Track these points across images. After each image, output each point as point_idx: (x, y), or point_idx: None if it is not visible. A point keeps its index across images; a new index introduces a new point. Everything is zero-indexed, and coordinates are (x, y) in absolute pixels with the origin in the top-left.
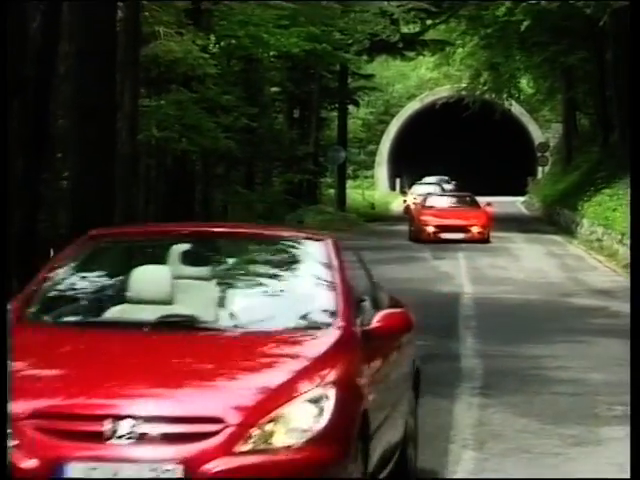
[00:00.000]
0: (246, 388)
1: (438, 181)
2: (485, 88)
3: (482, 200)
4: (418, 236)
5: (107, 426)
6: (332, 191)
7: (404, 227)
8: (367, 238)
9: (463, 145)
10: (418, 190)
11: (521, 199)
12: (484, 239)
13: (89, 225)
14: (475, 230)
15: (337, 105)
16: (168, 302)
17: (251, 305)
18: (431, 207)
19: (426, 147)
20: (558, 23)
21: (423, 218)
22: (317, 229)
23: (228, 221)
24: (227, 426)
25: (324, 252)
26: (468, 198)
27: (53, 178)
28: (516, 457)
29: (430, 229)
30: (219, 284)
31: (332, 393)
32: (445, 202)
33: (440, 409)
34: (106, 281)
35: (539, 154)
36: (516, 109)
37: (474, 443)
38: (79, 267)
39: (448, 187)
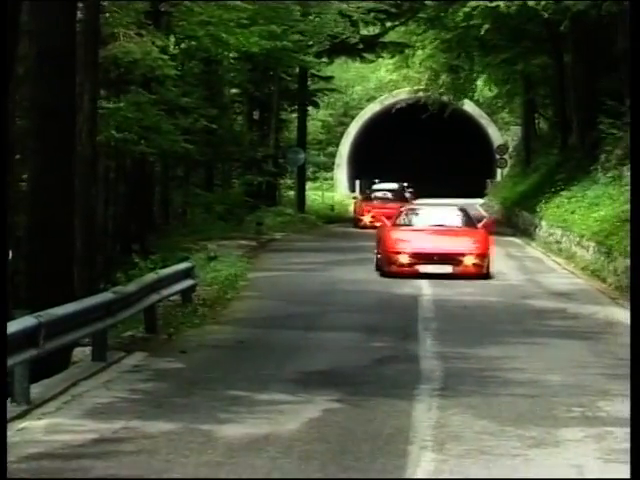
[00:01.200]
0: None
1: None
2: (443, 90)
3: (432, 201)
4: (386, 266)
5: None
6: (292, 193)
7: (363, 230)
8: (327, 240)
9: (422, 147)
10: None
11: (480, 201)
12: (482, 273)
13: (49, 226)
14: (469, 261)
15: (297, 107)
16: None
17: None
18: (405, 225)
19: (385, 149)
20: (517, 26)
21: (394, 244)
22: (277, 230)
23: (187, 221)
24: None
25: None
26: (459, 214)
27: (12, 180)
28: (475, 458)
29: (403, 259)
30: None
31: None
32: (425, 217)
33: (399, 411)
34: None
35: (498, 156)
36: (475, 111)
37: (433, 444)
38: None
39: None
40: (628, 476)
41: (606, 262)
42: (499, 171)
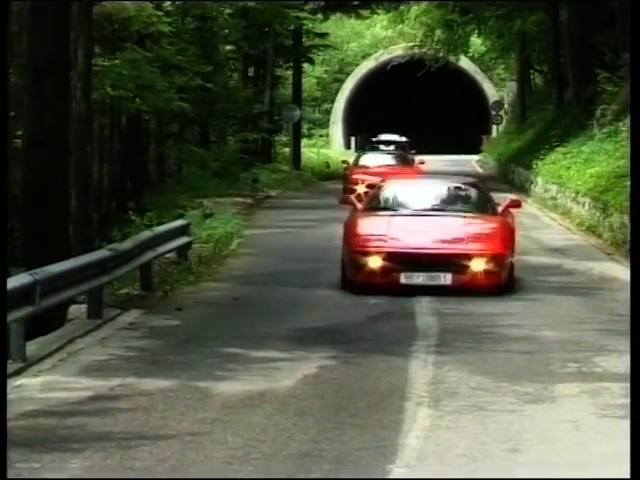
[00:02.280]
0: None
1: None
2: (438, 46)
3: (429, 158)
4: (351, 274)
5: None
6: (287, 150)
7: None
8: (322, 197)
9: (417, 104)
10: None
11: (476, 157)
12: (498, 284)
13: (43, 184)
14: (478, 266)
15: (292, 64)
16: None
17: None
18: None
19: (381, 106)
20: None
21: (362, 240)
22: (272, 187)
23: (183, 178)
24: None
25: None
26: (471, 189)
27: (6, 136)
28: (471, 414)
29: (375, 263)
30: None
31: None
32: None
33: (395, 367)
34: None
35: (493, 112)
36: (470, 67)
37: (429, 401)
38: None
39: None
40: (624, 430)
41: (602, 218)
42: (494, 127)
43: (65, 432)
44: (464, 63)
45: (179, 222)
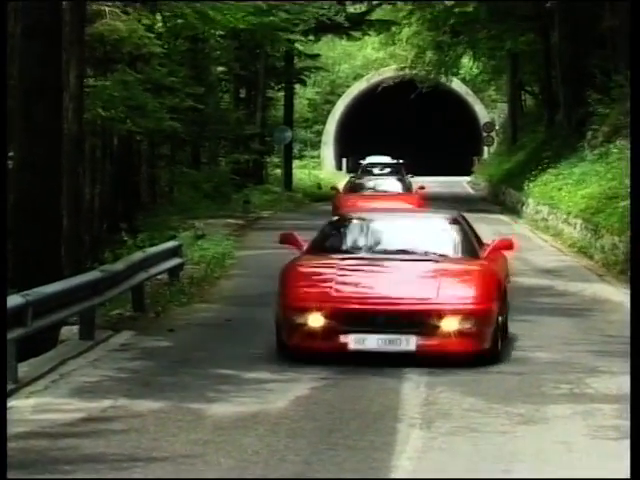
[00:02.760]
0: None
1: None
2: (430, 68)
3: (420, 180)
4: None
5: None
6: (279, 171)
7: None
8: (314, 218)
9: (409, 125)
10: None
11: (467, 179)
12: (478, 349)
13: (35, 205)
14: (451, 326)
15: (283, 85)
16: None
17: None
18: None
19: (372, 127)
20: (504, 3)
21: (299, 292)
22: (264, 209)
23: (174, 200)
24: None
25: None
26: (448, 225)
27: None
28: (464, 436)
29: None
30: None
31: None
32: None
33: (388, 388)
34: None
35: (485, 134)
36: (462, 89)
37: (422, 422)
38: None
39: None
40: (616, 452)
41: (593, 239)
42: (486, 149)
43: (57, 454)
44: (455, 85)
45: (171, 243)
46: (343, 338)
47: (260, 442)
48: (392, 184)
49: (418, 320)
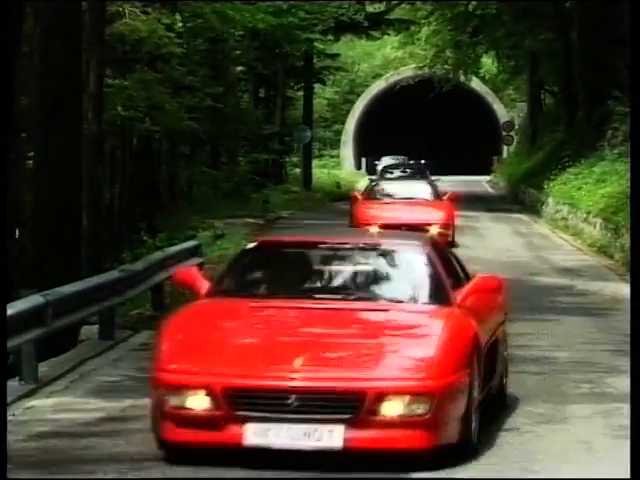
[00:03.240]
0: None
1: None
2: (449, 67)
3: (446, 180)
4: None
5: None
6: (298, 170)
7: None
8: (333, 217)
9: (428, 124)
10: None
11: (486, 178)
12: (430, 445)
13: (55, 205)
14: (393, 410)
15: (303, 84)
16: None
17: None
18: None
19: (391, 126)
20: (524, 3)
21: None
22: (283, 208)
23: (194, 199)
24: None
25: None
26: (411, 255)
27: (17, 158)
28: (483, 435)
29: (197, 403)
30: None
31: None
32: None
33: None
34: None
35: (504, 133)
36: (481, 88)
37: None
38: None
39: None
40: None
41: (613, 238)
42: (505, 148)
43: (77, 453)
44: (475, 84)
45: (190, 243)
46: (237, 429)
47: None
48: (419, 189)
49: (347, 402)
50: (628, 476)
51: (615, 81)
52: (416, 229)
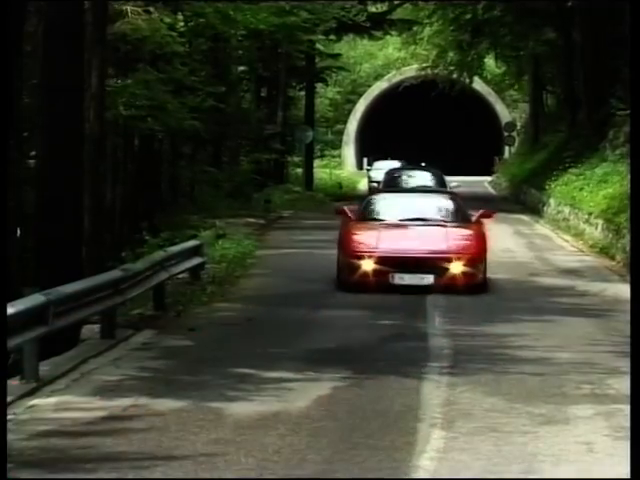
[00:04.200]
0: None
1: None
2: (452, 67)
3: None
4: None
5: None
6: (299, 170)
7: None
8: (334, 217)
9: (430, 125)
10: None
11: (488, 179)
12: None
13: (57, 204)
14: (457, 269)
15: (304, 84)
16: None
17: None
18: None
19: (393, 127)
20: (526, 4)
21: None
22: (285, 208)
23: (195, 199)
24: None
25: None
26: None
27: (20, 157)
28: (485, 435)
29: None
30: None
31: None
32: None
33: (409, 388)
34: None
35: (506, 134)
36: (483, 89)
37: (443, 422)
38: None
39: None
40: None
41: (615, 239)
42: (507, 148)
43: (78, 452)
44: (477, 84)
45: (192, 242)
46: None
47: (281, 441)
48: (435, 206)
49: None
50: (628, 476)
51: (617, 81)
52: (429, 265)
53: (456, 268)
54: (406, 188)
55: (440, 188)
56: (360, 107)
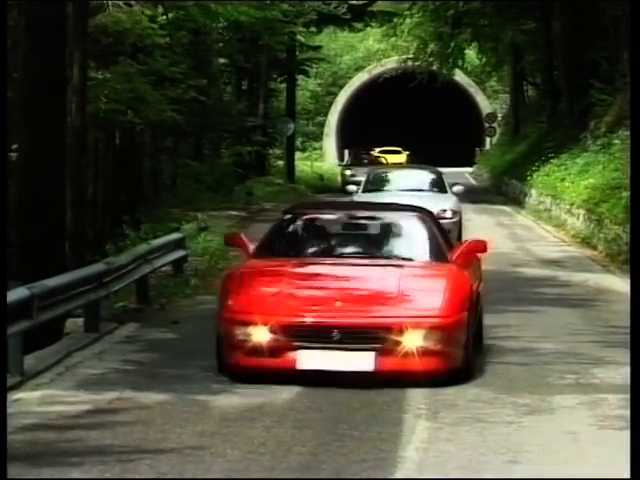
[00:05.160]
0: None
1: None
2: (432, 59)
3: None
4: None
5: None
6: (281, 163)
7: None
8: None
9: (411, 116)
10: None
11: (469, 170)
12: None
13: (39, 198)
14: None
15: (285, 76)
16: None
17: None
18: None
19: (374, 118)
20: None
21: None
22: (267, 200)
23: (177, 192)
24: None
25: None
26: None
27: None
28: (470, 426)
29: (259, 336)
30: None
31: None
32: None
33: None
34: None
35: (487, 125)
36: (464, 80)
37: (427, 413)
38: None
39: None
40: (622, 442)
41: (596, 229)
42: (488, 140)
43: (64, 446)
44: (457, 76)
45: (175, 235)
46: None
47: (267, 433)
48: (391, 234)
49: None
50: (628, 476)
51: (598, 72)
52: (366, 337)
53: (412, 341)
54: (346, 203)
55: (406, 204)
56: (341, 99)
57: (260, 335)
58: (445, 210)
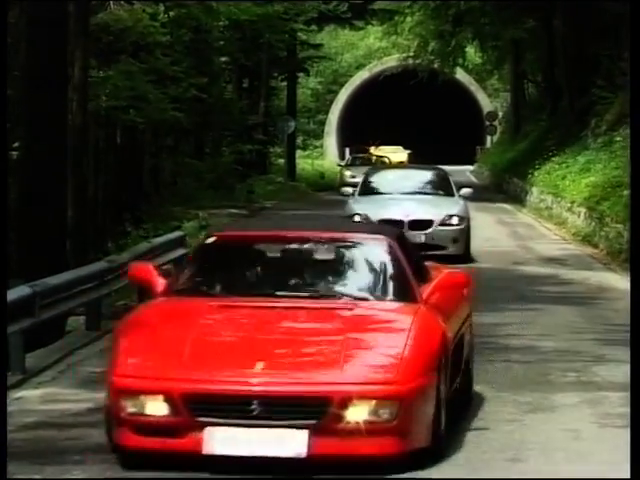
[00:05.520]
0: None
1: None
2: (433, 57)
3: None
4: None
5: None
6: (282, 161)
7: None
8: (317, 207)
9: (412, 114)
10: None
11: (470, 168)
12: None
13: (40, 196)
14: (358, 415)
15: (286, 75)
16: None
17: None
18: None
19: (375, 117)
20: None
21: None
22: (267, 199)
23: (178, 190)
24: None
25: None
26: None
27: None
28: (471, 424)
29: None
30: None
31: None
32: None
33: None
34: None
35: (488, 123)
36: (465, 78)
37: None
38: None
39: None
40: (624, 439)
41: (597, 228)
42: (489, 138)
43: (66, 444)
44: (458, 74)
45: (176, 234)
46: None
47: None
48: (343, 264)
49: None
50: (628, 476)
51: (599, 70)
52: (297, 407)
53: (358, 415)
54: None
55: (366, 223)
56: (342, 97)
57: (154, 408)
58: (451, 216)
